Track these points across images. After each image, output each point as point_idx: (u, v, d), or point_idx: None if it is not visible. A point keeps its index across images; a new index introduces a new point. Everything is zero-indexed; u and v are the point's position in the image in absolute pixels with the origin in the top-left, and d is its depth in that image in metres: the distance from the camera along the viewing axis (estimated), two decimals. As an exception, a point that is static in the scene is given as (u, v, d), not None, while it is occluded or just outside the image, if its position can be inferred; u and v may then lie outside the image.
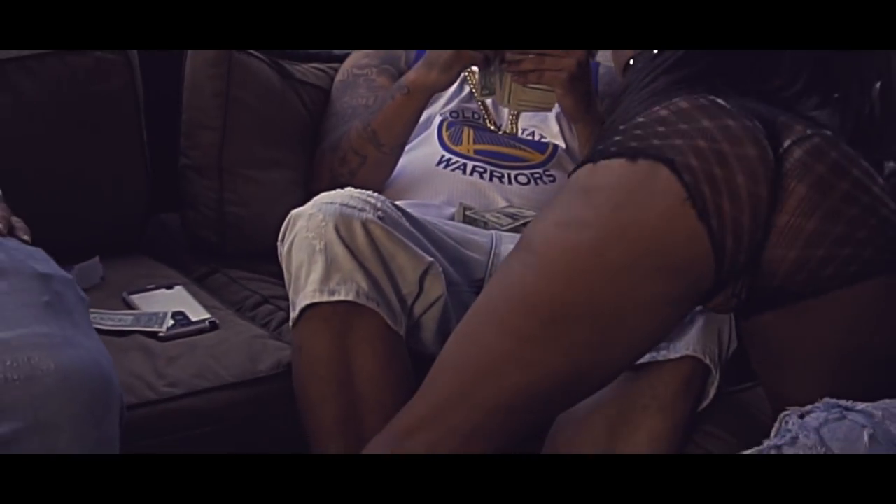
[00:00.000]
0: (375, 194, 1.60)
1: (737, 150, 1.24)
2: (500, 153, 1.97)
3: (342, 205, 1.52)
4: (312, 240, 1.51)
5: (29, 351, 1.11)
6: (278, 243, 1.59)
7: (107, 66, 1.87)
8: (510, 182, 1.93)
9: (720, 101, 1.27)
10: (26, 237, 1.32)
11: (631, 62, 1.46)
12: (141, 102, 1.92)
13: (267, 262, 1.82)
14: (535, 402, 1.31)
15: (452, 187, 1.92)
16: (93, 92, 1.86)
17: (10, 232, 1.30)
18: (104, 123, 1.88)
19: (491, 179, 1.93)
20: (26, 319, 1.15)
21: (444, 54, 1.82)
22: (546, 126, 2.07)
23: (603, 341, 1.28)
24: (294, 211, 1.57)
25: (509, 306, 1.31)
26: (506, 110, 2.06)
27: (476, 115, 2.06)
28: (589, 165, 1.29)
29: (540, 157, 1.99)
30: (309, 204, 1.56)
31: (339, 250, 1.49)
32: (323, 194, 1.58)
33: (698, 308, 1.47)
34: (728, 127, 1.25)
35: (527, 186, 1.93)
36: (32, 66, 1.80)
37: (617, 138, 1.28)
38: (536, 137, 2.04)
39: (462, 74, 1.97)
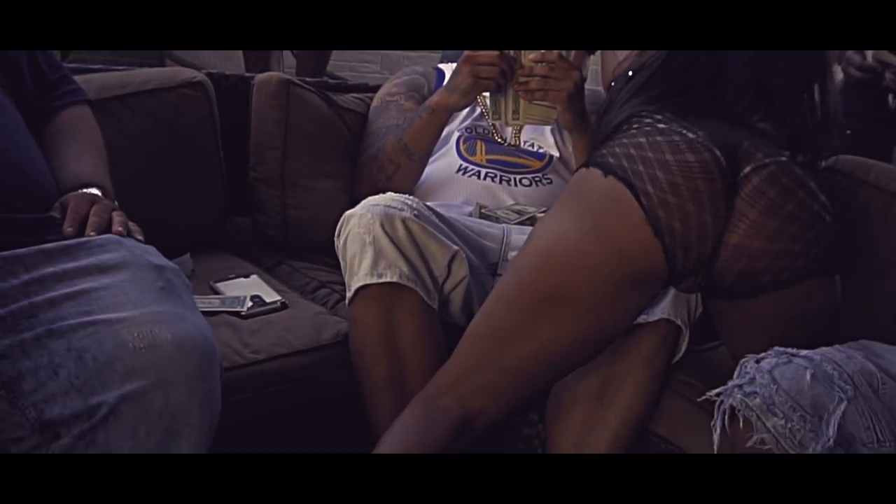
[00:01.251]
0: (411, 197, 1.61)
1: (689, 184, 1.26)
2: (508, 162, 1.97)
3: (385, 206, 1.55)
4: (363, 234, 1.53)
5: (151, 325, 1.11)
6: (335, 238, 1.61)
7: (190, 100, 1.89)
8: (516, 185, 1.93)
9: (690, 133, 1.27)
10: (140, 237, 1.32)
11: (612, 84, 1.45)
12: (217, 129, 1.93)
13: (322, 254, 1.85)
14: (539, 365, 1.33)
15: (470, 190, 1.92)
16: (179, 122, 1.86)
17: (129, 233, 1.31)
18: (189, 147, 1.88)
19: (500, 183, 1.93)
20: (146, 301, 1.15)
21: (464, 83, 1.81)
22: (543, 139, 2.06)
23: (585, 320, 1.31)
24: (347, 212, 1.58)
25: (516, 288, 1.35)
26: (510, 127, 2.02)
27: (486, 131, 2.05)
28: (583, 170, 1.32)
29: (539, 164, 1.99)
30: (359, 206, 1.57)
31: (385, 242, 1.51)
32: (370, 198, 1.59)
33: None
34: (687, 162, 1.26)
35: (529, 188, 1.93)
36: (131, 102, 1.81)
37: (603, 150, 1.30)
38: (535, 148, 2.04)
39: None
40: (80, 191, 1.37)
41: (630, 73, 1.42)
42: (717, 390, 1.23)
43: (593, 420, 1.52)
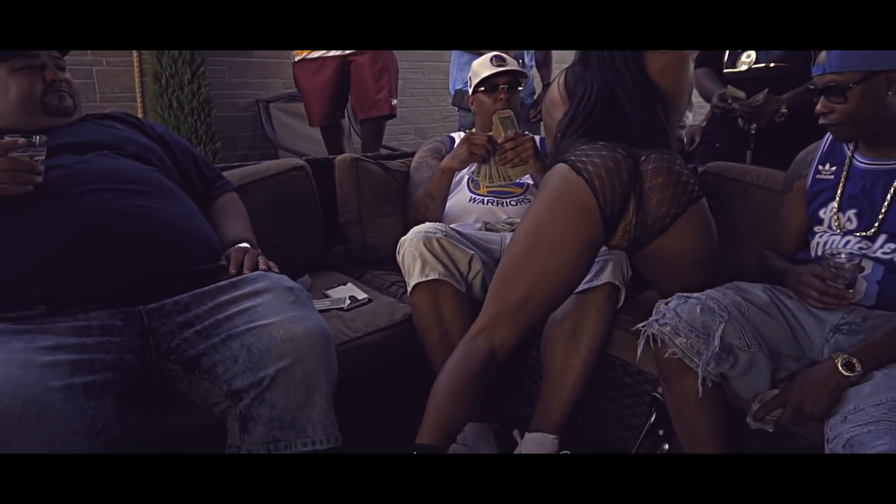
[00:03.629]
0: (441, 224, 1.63)
1: (604, 162, 1.31)
2: (500, 191, 1.95)
3: (425, 232, 1.57)
4: (413, 251, 1.55)
5: (289, 325, 1.14)
6: (396, 254, 1.62)
7: (297, 179, 1.90)
8: (507, 205, 1.93)
9: (608, 146, 1.33)
10: (276, 270, 1.34)
11: (557, 135, 1.47)
12: (316, 194, 1.94)
13: (390, 264, 1.83)
14: (537, 293, 1.32)
15: (478, 211, 1.92)
16: (291, 193, 1.88)
17: (269, 268, 1.33)
18: (299, 207, 1.85)
19: (497, 205, 1.93)
20: (285, 310, 1.18)
21: (462, 155, 1.79)
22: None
23: (559, 251, 1.31)
24: (402, 238, 1.60)
25: (512, 249, 1.35)
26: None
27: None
28: (548, 171, 1.36)
29: (520, 191, 1.97)
30: (409, 234, 1.60)
31: (427, 255, 1.54)
32: (415, 228, 1.61)
33: (607, 255, 1.50)
34: (604, 155, 1.32)
35: (516, 206, 1.93)
36: (261, 184, 1.81)
37: (563, 156, 1.34)
38: (520, 179, 2.01)
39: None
40: (236, 245, 1.39)
41: (568, 122, 1.44)
42: (642, 324, 1.27)
43: (569, 351, 1.54)
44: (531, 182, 2.02)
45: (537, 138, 2.12)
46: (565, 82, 1.49)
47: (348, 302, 1.66)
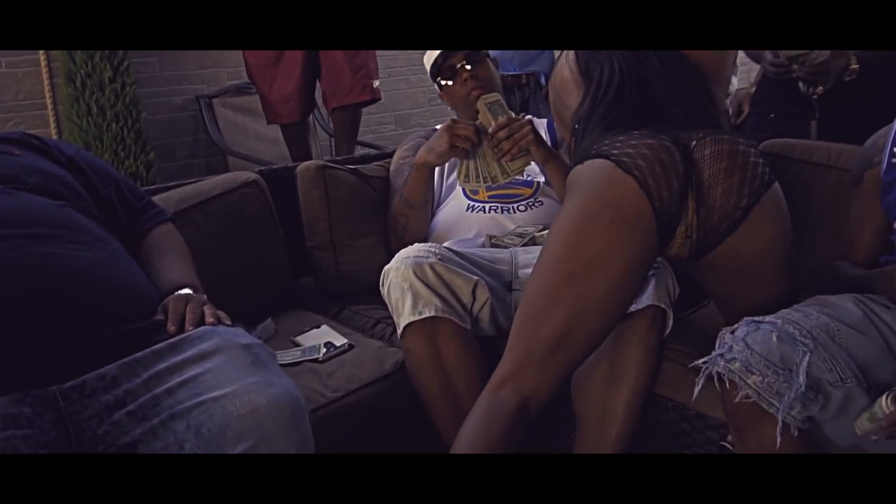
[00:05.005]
0: (434, 245, 1.60)
1: (655, 154, 1.28)
2: (505, 194, 1.93)
3: (415, 257, 1.54)
4: (401, 283, 1.52)
5: (248, 395, 1.10)
6: (380, 287, 1.59)
7: (249, 196, 1.88)
8: (514, 212, 1.91)
9: (650, 133, 1.30)
10: (228, 322, 1.29)
11: (576, 126, 1.45)
12: (275, 214, 1.91)
13: (373, 295, 1.78)
14: (573, 332, 1.28)
15: (479, 223, 1.90)
16: (243, 215, 1.85)
17: (219, 321, 1.28)
18: (254, 233, 1.86)
19: (502, 213, 1.90)
20: (242, 376, 1.13)
21: (441, 146, 1.77)
22: (531, 169, 1.98)
23: (601, 276, 1.27)
24: (386, 267, 1.57)
25: (541, 276, 1.31)
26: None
27: None
28: (575, 168, 1.32)
29: (529, 192, 1.96)
30: (394, 260, 1.56)
31: (419, 286, 1.51)
32: (401, 252, 1.57)
33: (654, 272, 1.48)
34: (651, 145, 1.28)
35: (525, 212, 1.91)
36: (204, 207, 1.79)
37: (583, 152, 1.31)
38: (525, 177, 1.98)
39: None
40: (175, 293, 1.35)
41: (588, 112, 1.41)
42: (702, 360, 1.22)
43: (610, 394, 1.50)
44: (541, 179, 2.00)
45: (537, 121, 2.12)
46: (577, 60, 1.44)
47: (324, 350, 1.63)
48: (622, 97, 1.37)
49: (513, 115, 1.83)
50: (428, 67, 2.03)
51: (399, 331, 1.55)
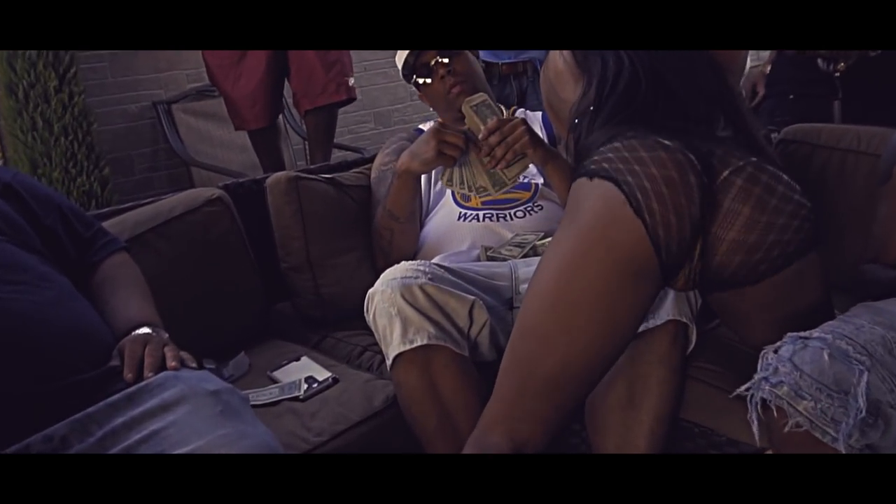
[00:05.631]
0: (423, 262, 1.57)
1: (663, 173, 1.20)
2: (500, 200, 1.90)
3: (402, 278, 1.50)
4: (388, 308, 1.49)
5: (218, 450, 1.07)
6: (364, 314, 1.56)
7: (213, 216, 1.84)
8: (511, 219, 1.88)
9: (665, 141, 1.22)
10: (193, 364, 1.26)
11: (576, 121, 1.40)
12: (243, 234, 1.88)
13: (358, 320, 1.73)
14: (568, 380, 1.24)
15: (473, 233, 1.87)
16: (208, 237, 1.82)
17: (183, 364, 1.25)
18: (221, 255, 1.83)
19: (498, 220, 1.88)
20: (210, 428, 1.11)
21: (427, 153, 1.74)
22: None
23: (595, 322, 1.22)
24: (370, 290, 1.53)
25: (530, 316, 1.27)
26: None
27: None
28: (580, 181, 1.26)
29: (527, 195, 1.93)
30: (379, 283, 1.53)
31: (408, 311, 1.47)
32: (387, 272, 1.55)
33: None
34: (661, 158, 1.21)
35: (524, 219, 1.88)
36: (163, 230, 1.76)
37: (583, 164, 1.26)
38: (522, 179, 1.94)
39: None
40: (132, 333, 1.31)
41: (591, 109, 1.36)
42: (745, 386, 1.17)
43: (629, 422, 1.46)
44: (539, 181, 1.98)
45: (531, 115, 2.10)
46: (573, 51, 1.39)
47: (305, 387, 1.59)
48: (636, 93, 1.30)
49: (503, 114, 1.79)
50: (400, 68, 2.01)
51: (388, 362, 1.51)
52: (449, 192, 1.97)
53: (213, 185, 2.00)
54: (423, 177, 2.01)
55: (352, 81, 3.04)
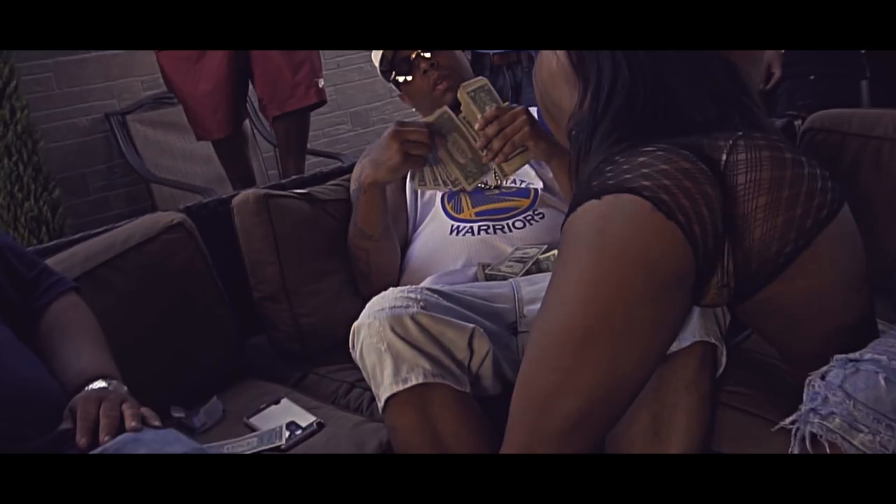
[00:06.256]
0: (413, 288, 1.53)
1: (674, 165, 1.18)
2: (496, 209, 1.88)
3: (391, 308, 1.45)
4: (377, 344, 1.44)
5: None
6: (350, 350, 1.51)
7: (174, 244, 1.79)
8: (510, 230, 1.84)
9: (650, 147, 1.22)
10: (157, 423, 1.24)
11: (573, 131, 1.36)
12: (209, 261, 1.84)
13: (342, 351, 1.68)
14: (590, 416, 1.22)
15: (468, 249, 1.84)
16: (170, 268, 1.77)
17: (144, 423, 1.23)
18: (186, 287, 1.79)
19: (495, 233, 1.84)
20: None
21: (392, 159, 1.70)
22: (523, 172, 1.94)
23: (625, 350, 1.20)
24: (356, 323, 1.49)
25: (546, 345, 1.24)
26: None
27: None
28: (571, 215, 1.23)
29: (526, 202, 1.89)
30: (364, 314, 1.48)
31: (400, 346, 1.42)
32: (373, 301, 1.50)
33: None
34: (660, 155, 1.19)
35: (524, 229, 1.85)
36: (118, 263, 1.71)
37: (587, 185, 1.23)
38: (519, 184, 1.94)
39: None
40: (85, 389, 1.29)
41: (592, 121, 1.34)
42: (790, 419, 1.15)
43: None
44: (539, 186, 1.94)
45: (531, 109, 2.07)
46: (567, 53, 1.37)
47: (287, 434, 1.55)
48: (635, 103, 1.28)
49: (503, 103, 1.76)
50: (378, 66, 1.99)
51: (380, 404, 1.46)
52: (439, 203, 1.94)
53: (176, 203, 2.00)
54: (407, 187, 2.00)
55: (322, 82, 3.04)
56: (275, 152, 3.70)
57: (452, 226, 1.87)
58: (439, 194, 1.95)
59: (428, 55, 1.92)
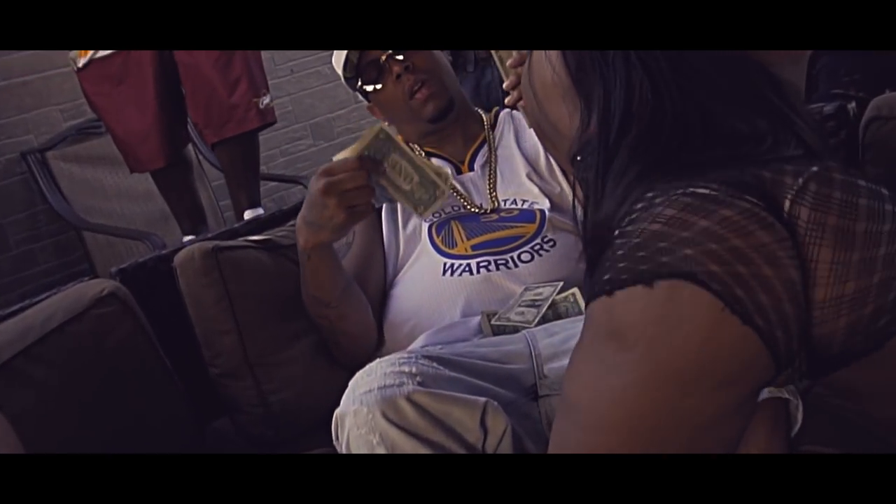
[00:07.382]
0: (407, 358, 1.43)
1: (749, 241, 1.04)
2: (496, 240, 1.80)
3: (380, 388, 1.36)
4: (367, 435, 1.34)
5: None
6: (334, 442, 1.43)
7: (106, 319, 1.73)
8: (516, 265, 1.75)
9: (700, 189, 1.07)
10: None
11: (578, 158, 1.27)
12: (151, 335, 1.79)
13: (321, 432, 1.57)
14: None
15: (466, 292, 1.75)
16: (103, 348, 1.71)
17: None
18: (126, 369, 1.74)
19: (498, 269, 1.75)
20: None
21: (334, 218, 1.60)
22: (524, 190, 1.90)
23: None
24: (338, 410, 1.39)
25: (595, 434, 1.11)
26: (479, 189, 1.92)
27: (456, 207, 1.90)
28: (604, 299, 1.09)
29: (532, 228, 1.81)
30: (348, 397, 1.39)
31: (395, 435, 1.33)
32: (357, 380, 1.40)
33: None
34: (727, 219, 1.05)
35: (532, 262, 1.76)
36: (39, 351, 1.65)
37: (622, 264, 1.09)
38: (520, 205, 1.87)
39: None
40: None
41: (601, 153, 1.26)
42: None
43: None
44: (545, 206, 1.86)
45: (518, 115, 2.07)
46: (565, 61, 1.26)
47: None
48: (659, 130, 1.17)
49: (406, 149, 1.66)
50: (340, 72, 1.95)
51: None
52: (426, 235, 1.86)
53: (114, 251, 2.04)
54: (384, 219, 1.92)
55: (266, 100, 3.02)
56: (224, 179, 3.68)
57: (445, 264, 1.79)
58: (425, 226, 1.87)
59: (401, 57, 1.89)
